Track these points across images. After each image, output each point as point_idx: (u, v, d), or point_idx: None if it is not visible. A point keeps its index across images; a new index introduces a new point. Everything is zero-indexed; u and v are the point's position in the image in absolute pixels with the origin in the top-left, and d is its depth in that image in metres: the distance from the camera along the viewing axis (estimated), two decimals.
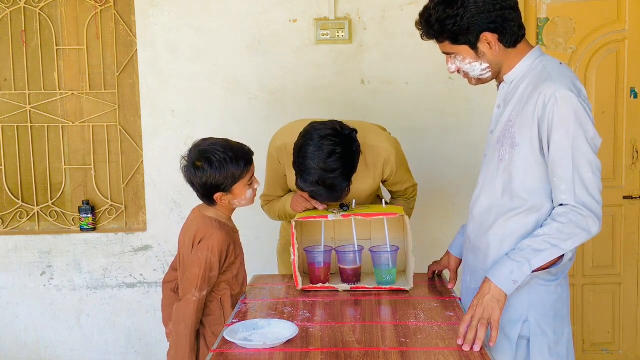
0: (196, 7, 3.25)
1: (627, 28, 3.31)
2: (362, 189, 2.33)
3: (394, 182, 2.45)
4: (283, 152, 2.34)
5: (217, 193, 2.08)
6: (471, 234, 1.99)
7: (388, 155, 2.33)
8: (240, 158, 2.07)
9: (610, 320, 3.49)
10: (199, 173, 2.05)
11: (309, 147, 2.08)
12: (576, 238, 1.72)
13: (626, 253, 3.45)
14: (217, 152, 2.05)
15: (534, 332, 1.85)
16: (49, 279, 3.42)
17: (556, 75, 1.75)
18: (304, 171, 2.10)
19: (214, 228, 2.08)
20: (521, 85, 1.83)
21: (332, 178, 2.08)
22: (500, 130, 1.86)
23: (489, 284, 1.73)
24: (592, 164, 1.71)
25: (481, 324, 1.68)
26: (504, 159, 1.83)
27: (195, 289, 2.02)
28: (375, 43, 3.25)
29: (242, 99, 3.29)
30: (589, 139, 1.71)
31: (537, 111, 1.73)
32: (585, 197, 1.71)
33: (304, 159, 2.09)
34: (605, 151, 3.36)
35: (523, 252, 1.73)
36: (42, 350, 3.46)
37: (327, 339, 1.74)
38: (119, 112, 3.41)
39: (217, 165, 2.03)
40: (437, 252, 2.49)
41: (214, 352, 1.69)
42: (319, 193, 2.13)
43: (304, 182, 2.11)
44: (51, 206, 3.47)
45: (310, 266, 2.22)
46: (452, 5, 1.75)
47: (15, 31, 3.36)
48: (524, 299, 1.84)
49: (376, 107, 3.27)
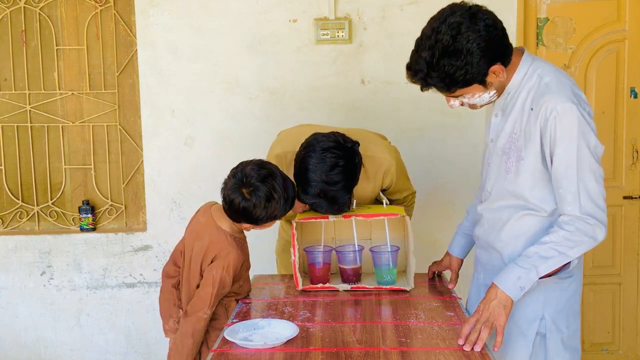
0: (196, 7, 3.25)
1: (627, 28, 3.30)
2: (361, 197, 2.32)
3: (393, 191, 2.45)
4: (282, 161, 2.32)
5: (249, 224, 2.03)
6: (482, 234, 2.00)
7: (388, 166, 2.32)
8: (290, 203, 2.01)
9: (610, 320, 3.49)
10: (242, 202, 1.95)
11: (310, 159, 2.05)
12: (583, 245, 1.75)
13: (626, 253, 3.45)
14: (273, 192, 1.95)
15: (550, 329, 1.87)
16: (49, 279, 3.42)
17: (555, 86, 1.75)
18: (306, 183, 2.06)
19: (231, 246, 2.02)
20: (519, 95, 1.82)
21: (334, 191, 2.05)
22: (504, 141, 1.87)
23: (496, 289, 1.74)
24: (595, 173, 1.74)
25: (485, 326, 1.69)
26: (511, 170, 1.85)
27: (208, 308, 2.00)
28: (375, 43, 3.25)
29: (242, 99, 3.29)
30: (591, 149, 1.73)
31: (540, 125, 1.75)
32: (590, 207, 1.73)
33: (305, 171, 2.06)
34: (605, 151, 3.30)
35: (530, 259, 1.74)
36: (42, 350, 3.46)
37: (327, 338, 1.74)
38: (119, 112, 3.41)
39: (265, 204, 1.94)
40: (437, 252, 2.50)
41: (214, 352, 1.69)
42: (320, 205, 2.10)
43: (306, 195, 2.09)
44: (51, 206, 3.47)
45: (311, 266, 2.22)
46: (456, 56, 1.68)
47: (15, 31, 3.36)
48: (540, 297, 1.86)
49: (376, 107, 3.27)
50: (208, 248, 2.03)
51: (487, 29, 1.69)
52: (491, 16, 1.73)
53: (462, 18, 1.68)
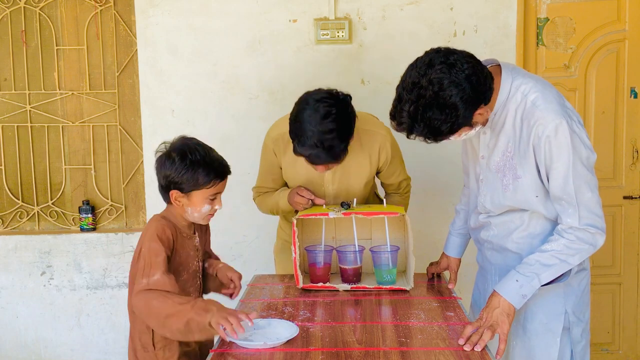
0: (196, 7, 3.25)
1: (627, 28, 3.30)
2: (359, 174, 2.36)
3: (388, 174, 2.46)
4: (280, 142, 2.36)
5: (175, 190, 1.92)
6: (493, 237, 2.01)
7: (383, 141, 2.38)
8: (214, 169, 1.93)
9: (610, 320, 3.49)
10: (168, 163, 1.92)
11: (305, 112, 2.11)
12: (583, 253, 1.80)
13: (626, 253, 3.45)
14: (195, 152, 1.92)
15: (572, 321, 1.91)
16: (49, 279, 3.42)
17: (542, 103, 1.76)
18: (302, 135, 2.09)
19: (153, 220, 1.92)
20: (507, 114, 1.82)
21: (330, 139, 2.08)
22: (497, 159, 1.89)
23: (498, 298, 1.75)
24: (590, 184, 1.78)
25: (488, 329, 1.69)
26: (509, 188, 1.87)
27: (142, 277, 1.77)
28: (375, 43, 3.25)
29: (242, 99, 3.29)
30: (584, 162, 1.76)
31: (533, 145, 1.77)
32: (590, 218, 1.78)
33: (300, 124, 2.10)
34: (605, 151, 3.37)
35: (532, 267, 1.77)
36: (42, 350, 3.46)
37: (327, 338, 1.74)
38: (119, 112, 3.41)
39: (188, 163, 1.90)
40: (437, 252, 2.49)
41: (214, 352, 1.69)
42: (317, 155, 2.11)
43: (302, 146, 2.11)
44: (51, 206, 3.47)
45: (311, 266, 2.22)
46: (440, 110, 1.67)
47: (15, 31, 3.36)
48: (560, 292, 1.89)
49: (376, 107, 3.25)
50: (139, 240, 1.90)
51: (468, 80, 1.67)
52: (470, 63, 1.70)
53: (442, 73, 1.66)
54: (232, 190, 3.14)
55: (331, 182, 2.39)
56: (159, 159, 1.96)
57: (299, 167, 2.33)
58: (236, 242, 3.33)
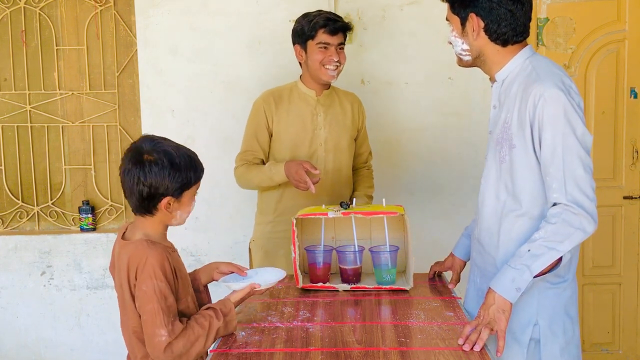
0: (196, 7, 3.25)
1: (627, 28, 3.31)
2: (345, 122, 2.67)
3: (361, 141, 2.79)
4: (270, 99, 2.63)
5: (166, 197, 1.73)
6: (478, 235, 1.99)
7: (360, 101, 2.77)
8: (197, 163, 1.80)
9: (610, 320, 3.49)
10: (154, 168, 1.70)
11: (309, 14, 2.60)
12: (572, 237, 1.71)
13: (626, 253, 3.45)
14: (177, 151, 1.76)
15: (544, 334, 1.85)
16: (49, 279, 3.42)
17: (544, 74, 1.77)
18: (314, 16, 2.57)
19: (145, 248, 1.70)
20: (513, 86, 1.84)
21: (333, 14, 2.63)
22: (498, 131, 1.88)
23: (493, 294, 1.73)
24: (584, 161, 1.72)
25: (486, 327, 1.69)
26: (505, 160, 1.84)
27: (161, 327, 1.64)
28: (375, 43, 3.25)
29: (242, 99, 3.28)
30: (578, 137, 1.72)
31: (529, 112, 1.75)
32: (576, 194, 1.70)
33: (307, 15, 2.60)
34: (605, 151, 3.37)
35: (522, 259, 1.73)
36: (42, 350, 3.46)
37: (327, 339, 1.74)
38: (119, 112, 3.41)
39: (177, 162, 1.73)
40: (436, 252, 2.49)
41: (214, 352, 1.69)
42: (335, 20, 2.56)
43: (319, 18, 2.55)
44: (51, 206, 3.47)
45: (311, 266, 2.22)
46: None
47: (15, 31, 3.36)
48: (533, 303, 1.84)
49: (376, 107, 3.27)
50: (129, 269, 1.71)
51: None
52: None
53: None
54: (232, 191, 3.15)
55: (322, 125, 2.62)
56: (133, 169, 1.72)
57: (292, 116, 2.60)
58: (236, 242, 3.33)
